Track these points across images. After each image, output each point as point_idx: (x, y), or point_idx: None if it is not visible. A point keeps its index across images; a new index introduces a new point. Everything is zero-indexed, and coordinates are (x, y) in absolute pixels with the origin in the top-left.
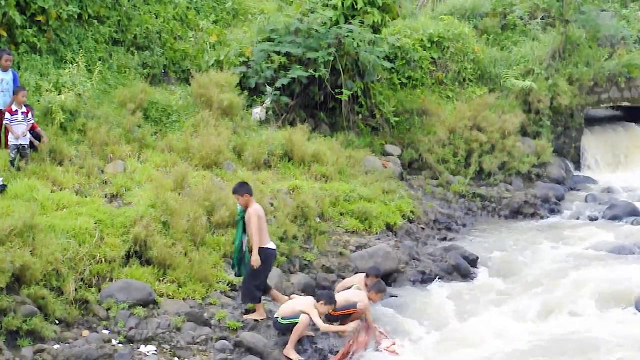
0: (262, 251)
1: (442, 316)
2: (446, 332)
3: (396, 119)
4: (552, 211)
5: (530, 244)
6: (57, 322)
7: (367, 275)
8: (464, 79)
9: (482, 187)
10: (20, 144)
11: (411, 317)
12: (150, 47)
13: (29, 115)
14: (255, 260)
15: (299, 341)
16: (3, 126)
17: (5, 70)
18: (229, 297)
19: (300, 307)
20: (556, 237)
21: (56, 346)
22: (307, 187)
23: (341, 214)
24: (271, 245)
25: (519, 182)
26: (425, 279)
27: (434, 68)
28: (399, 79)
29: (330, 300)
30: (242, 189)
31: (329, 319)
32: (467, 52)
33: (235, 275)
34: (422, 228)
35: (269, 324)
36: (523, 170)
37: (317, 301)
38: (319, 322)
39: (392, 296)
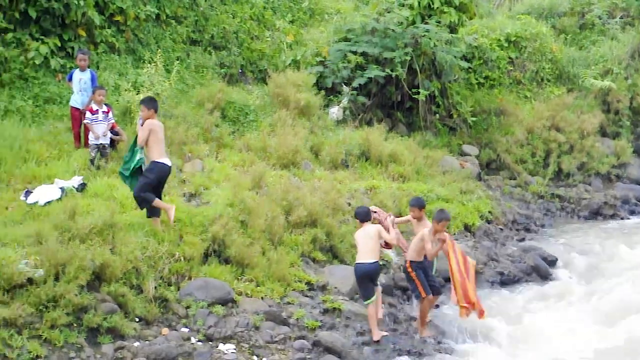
0: (156, 164)
1: (520, 316)
2: (523, 332)
3: (474, 119)
4: (633, 212)
5: (610, 245)
6: (137, 319)
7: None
8: (542, 79)
9: (561, 188)
10: (100, 143)
11: (489, 318)
12: (228, 47)
13: (110, 114)
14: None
15: (377, 341)
16: (83, 125)
17: (82, 70)
18: (307, 296)
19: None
20: (636, 238)
21: (136, 344)
22: (384, 187)
23: None
24: (166, 161)
25: (599, 183)
26: (503, 280)
27: (511, 68)
28: (477, 79)
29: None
30: (151, 104)
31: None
32: (545, 51)
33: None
34: (501, 229)
35: (347, 324)
36: (602, 171)
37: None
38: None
39: None
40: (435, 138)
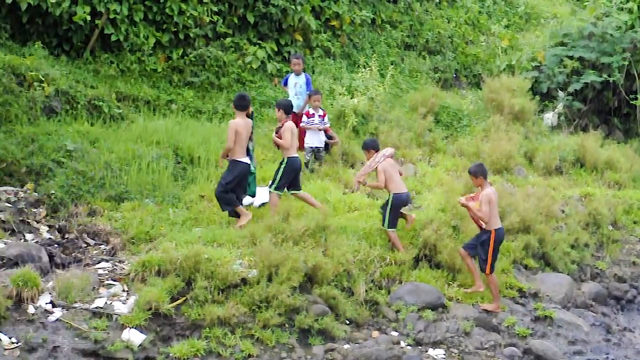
0: (237, 163)
1: None
2: None
3: None
4: None
5: None
6: (347, 322)
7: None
8: None
9: None
10: (315, 147)
11: None
12: (442, 52)
13: (325, 118)
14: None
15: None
16: (298, 128)
17: (297, 74)
18: (519, 303)
19: None
20: None
21: (346, 346)
22: (599, 194)
23: (635, 223)
24: (245, 159)
25: None
26: None
27: None
28: None
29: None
30: (241, 103)
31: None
32: None
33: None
34: None
35: (559, 332)
36: None
37: None
38: None
39: None
40: None
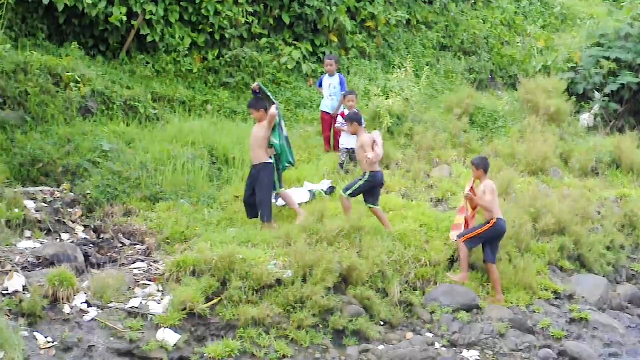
0: (267, 166)
1: None
2: None
3: None
4: None
5: None
6: (381, 323)
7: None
8: None
9: None
10: (350, 148)
11: None
12: (478, 53)
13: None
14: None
15: None
16: (333, 129)
17: (331, 75)
18: (554, 305)
19: None
20: None
21: (380, 347)
22: (636, 195)
23: None
24: (270, 160)
25: None
26: None
27: None
28: None
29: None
30: (259, 104)
31: None
32: None
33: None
34: None
35: (594, 334)
36: None
37: None
38: None
39: None
40: None
